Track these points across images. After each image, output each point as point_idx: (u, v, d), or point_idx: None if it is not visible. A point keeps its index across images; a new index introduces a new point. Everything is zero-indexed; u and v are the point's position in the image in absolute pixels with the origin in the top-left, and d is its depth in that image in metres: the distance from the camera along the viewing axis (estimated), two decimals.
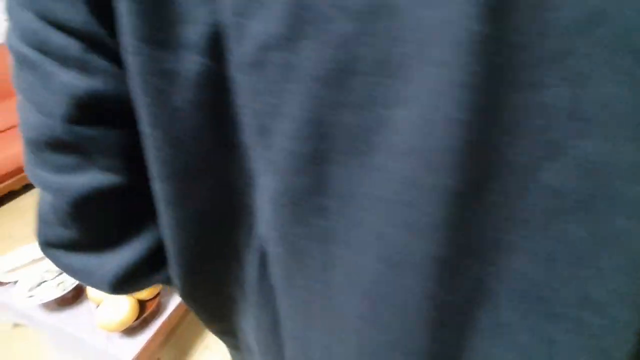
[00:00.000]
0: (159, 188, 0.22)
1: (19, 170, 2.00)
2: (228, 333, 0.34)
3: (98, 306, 0.97)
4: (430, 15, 0.15)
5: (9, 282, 1.09)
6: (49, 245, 0.27)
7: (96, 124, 0.22)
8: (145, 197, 0.24)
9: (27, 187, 2.14)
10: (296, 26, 0.16)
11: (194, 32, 0.18)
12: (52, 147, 0.22)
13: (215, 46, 0.18)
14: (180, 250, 0.25)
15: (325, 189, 0.20)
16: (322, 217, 0.21)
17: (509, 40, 0.14)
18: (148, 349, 0.95)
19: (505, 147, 0.16)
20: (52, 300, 1.00)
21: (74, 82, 0.20)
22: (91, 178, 0.23)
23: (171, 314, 1.02)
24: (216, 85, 0.19)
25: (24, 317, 1.09)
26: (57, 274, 1.05)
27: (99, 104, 0.21)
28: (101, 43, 0.20)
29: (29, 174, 0.24)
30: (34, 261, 1.11)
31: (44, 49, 0.20)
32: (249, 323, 0.30)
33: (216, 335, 0.35)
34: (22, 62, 0.21)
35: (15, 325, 1.30)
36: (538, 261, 0.18)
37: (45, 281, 1.04)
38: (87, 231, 0.25)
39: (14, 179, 2.00)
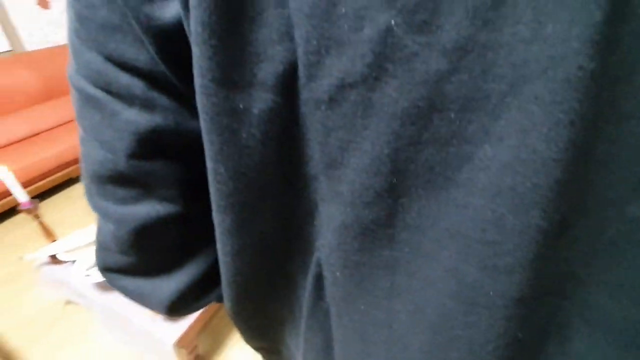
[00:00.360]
0: (220, 219, 0.23)
1: (73, 162, 2.17)
2: (271, 351, 0.34)
3: None
4: (535, 52, 0.14)
5: (67, 262, 1.19)
6: (106, 269, 0.29)
7: (156, 158, 0.23)
8: (199, 224, 0.25)
9: (79, 178, 2.31)
10: (380, 65, 0.16)
11: (267, 71, 0.18)
12: (114, 180, 0.23)
13: (288, 84, 0.18)
14: (234, 276, 0.26)
15: (396, 221, 0.20)
16: (390, 248, 0.20)
17: (612, 74, 0.14)
18: (188, 334, 1.00)
19: (597, 183, 0.16)
20: (105, 281, 1.07)
21: (137, 119, 0.21)
22: (150, 208, 0.24)
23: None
24: (285, 122, 0.19)
25: (78, 294, 1.18)
26: None
27: (160, 139, 0.22)
28: (163, 80, 0.21)
29: (90, 204, 0.26)
30: (90, 244, 1.20)
31: (109, 89, 0.21)
32: (296, 343, 0.30)
33: (256, 351, 0.35)
34: (87, 101, 0.22)
35: (68, 302, 1.40)
36: (615, 293, 0.17)
37: None
38: (145, 258, 0.27)
39: (67, 170, 2.17)
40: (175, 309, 0.28)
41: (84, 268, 1.10)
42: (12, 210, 1.96)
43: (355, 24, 0.15)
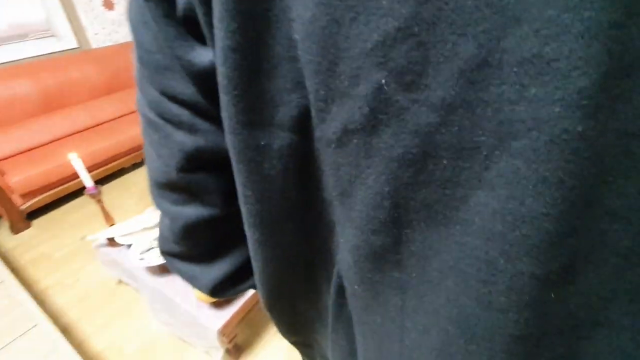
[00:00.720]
0: (250, 232, 0.27)
1: (130, 150, 2.32)
2: (303, 345, 0.37)
3: None
4: (520, 112, 0.14)
5: (123, 245, 1.28)
6: (164, 253, 0.35)
7: (199, 171, 0.27)
8: (235, 224, 0.29)
9: (135, 166, 2.47)
10: (375, 116, 0.18)
11: (284, 113, 0.21)
12: (168, 186, 0.29)
13: (303, 124, 0.21)
14: (264, 279, 0.30)
15: (402, 248, 0.21)
16: (399, 271, 0.22)
17: (606, 135, 0.14)
18: (230, 323, 1.04)
19: (611, 233, 0.16)
20: (156, 266, 1.14)
21: (184, 140, 0.26)
22: (196, 210, 0.29)
23: (254, 294, 1.10)
24: (301, 156, 0.22)
25: (130, 276, 1.26)
26: None
27: (201, 156, 0.26)
28: (204, 110, 0.25)
29: (154, 201, 0.31)
30: (145, 229, 1.28)
31: (163, 116, 0.26)
32: (325, 342, 0.33)
33: (292, 344, 0.39)
34: (149, 124, 0.27)
35: (119, 282, 1.51)
36: (638, 337, 0.17)
37: (153, 248, 1.19)
38: (192, 248, 0.32)
39: (125, 158, 2.33)
40: (216, 291, 0.33)
41: (138, 252, 1.17)
42: (72, 195, 2.14)
43: (352, 81, 0.18)
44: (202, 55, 0.23)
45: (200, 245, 0.32)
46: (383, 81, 0.17)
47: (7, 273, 1.27)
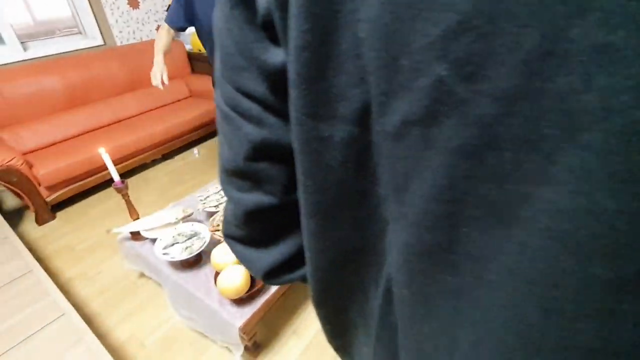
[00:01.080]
0: (306, 222, 0.28)
1: (150, 147, 2.36)
2: (345, 352, 0.37)
3: (218, 273, 1.10)
4: (588, 102, 0.14)
5: (146, 239, 1.30)
6: (227, 236, 0.37)
7: (263, 160, 0.29)
8: (292, 214, 0.31)
9: (154, 162, 2.52)
10: (435, 108, 0.18)
11: (347, 107, 0.22)
12: (235, 174, 0.31)
13: (364, 118, 0.22)
14: (316, 270, 0.31)
15: (457, 247, 0.20)
16: (451, 274, 0.21)
17: None
18: (252, 320, 1.04)
19: None
20: (179, 261, 1.16)
21: (252, 132, 0.28)
22: (257, 198, 0.31)
23: (274, 292, 1.11)
24: (361, 148, 0.23)
25: (153, 270, 1.28)
26: (186, 239, 1.21)
27: (266, 147, 0.29)
28: (272, 106, 0.27)
29: (222, 187, 0.34)
30: (168, 224, 1.30)
31: (236, 109, 0.28)
32: (368, 351, 0.32)
33: (335, 351, 0.39)
34: (224, 117, 0.30)
35: (141, 275, 1.54)
36: None
37: (177, 243, 1.21)
38: (251, 233, 0.35)
39: (145, 154, 2.38)
40: (269, 276, 0.35)
41: (162, 246, 1.19)
42: (95, 188, 2.19)
43: (413, 75, 0.18)
44: (275, 56, 0.25)
45: (258, 231, 0.34)
46: (444, 73, 0.17)
47: (35, 262, 1.30)
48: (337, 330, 0.36)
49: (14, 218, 2.01)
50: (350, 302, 0.32)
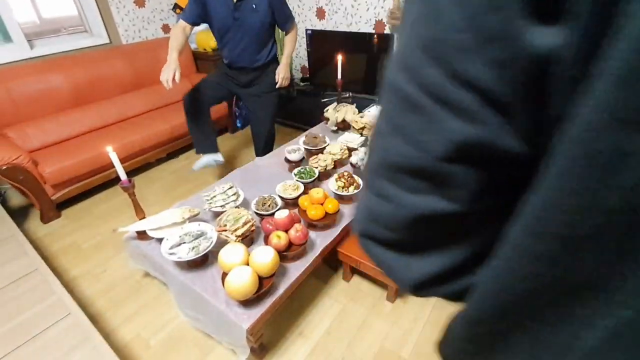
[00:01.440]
0: (528, 242, 0.22)
1: (155, 146, 2.36)
2: None
3: (225, 273, 1.09)
4: None
5: (152, 238, 1.29)
6: (365, 236, 0.31)
7: (462, 163, 0.24)
8: (470, 222, 0.26)
9: (159, 161, 2.52)
10: None
11: None
12: (410, 172, 0.26)
13: None
14: (497, 292, 0.25)
15: None
16: None
17: None
18: (259, 322, 1.03)
19: None
20: (185, 261, 1.15)
21: (460, 129, 0.23)
22: (433, 202, 0.26)
23: (281, 294, 1.10)
24: None
25: (159, 269, 1.27)
26: (193, 239, 1.20)
27: (472, 149, 0.23)
28: (498, 100, 0.22)
29: (372, 183, 0.29)
30: (174, 224, 1.29)
31: (439, 99, 0.23)
32: None
33: None
34: (408, 104, 0.24)
35: (146, 274, 1.53)
36: None
37: (184, 243, 1.20)
38: (409, 238, 0.29)
39: (150, 153, 2.37)
40: (419, 288, 0.30)
41: (168, 246, 1.18)
42: (100, 187, 2.19)
43: None
44: (540, 37, 0.19)
45: (420, 237, 0.29)
46: None
47: (40, 261, 1.30)
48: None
49: (19, 216, 2.01)
50: (544, 340, 0.25)
